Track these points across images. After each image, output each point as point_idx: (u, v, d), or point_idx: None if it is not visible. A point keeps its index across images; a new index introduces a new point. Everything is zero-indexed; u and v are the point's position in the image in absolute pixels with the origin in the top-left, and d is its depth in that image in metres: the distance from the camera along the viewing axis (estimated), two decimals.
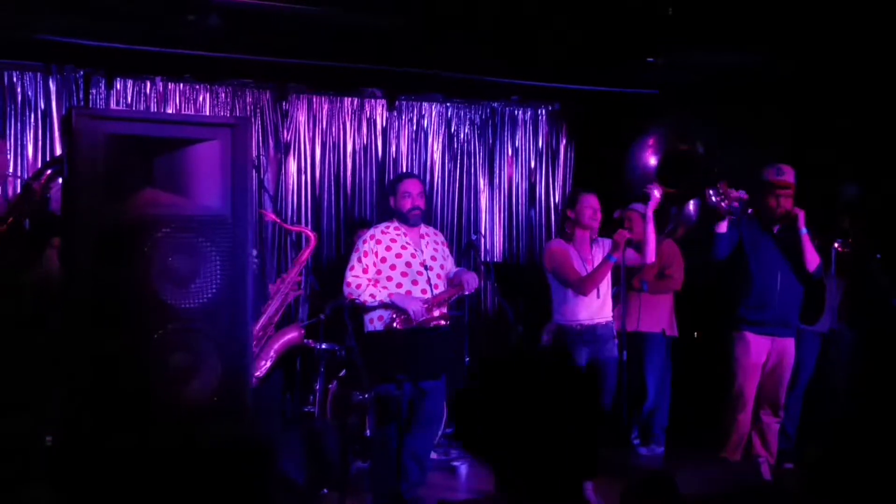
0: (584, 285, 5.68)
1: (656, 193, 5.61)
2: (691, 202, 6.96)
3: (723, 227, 5.54)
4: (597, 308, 5.76)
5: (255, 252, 4.97)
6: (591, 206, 5.81)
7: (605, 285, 5.79)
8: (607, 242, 5.80)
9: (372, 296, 5.26)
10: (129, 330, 3.17)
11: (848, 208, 6.14)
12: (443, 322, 5.32)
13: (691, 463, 5.92)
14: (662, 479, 3.73)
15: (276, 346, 4.75)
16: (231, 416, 3.32)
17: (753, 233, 5.67)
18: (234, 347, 3.34)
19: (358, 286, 5.28)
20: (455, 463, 6.39)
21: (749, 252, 5.64)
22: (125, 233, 3.17)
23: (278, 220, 5.81)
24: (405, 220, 5.45)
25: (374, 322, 5.33)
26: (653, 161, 6.49)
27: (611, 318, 5.81)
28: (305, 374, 6.31)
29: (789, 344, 5.70)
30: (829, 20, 5.89)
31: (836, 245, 5.88)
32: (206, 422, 3.27)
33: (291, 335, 4.90)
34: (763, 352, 5.66)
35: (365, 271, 5.32)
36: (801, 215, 5.52)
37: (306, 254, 5.17)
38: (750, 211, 5.68)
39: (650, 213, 5.65)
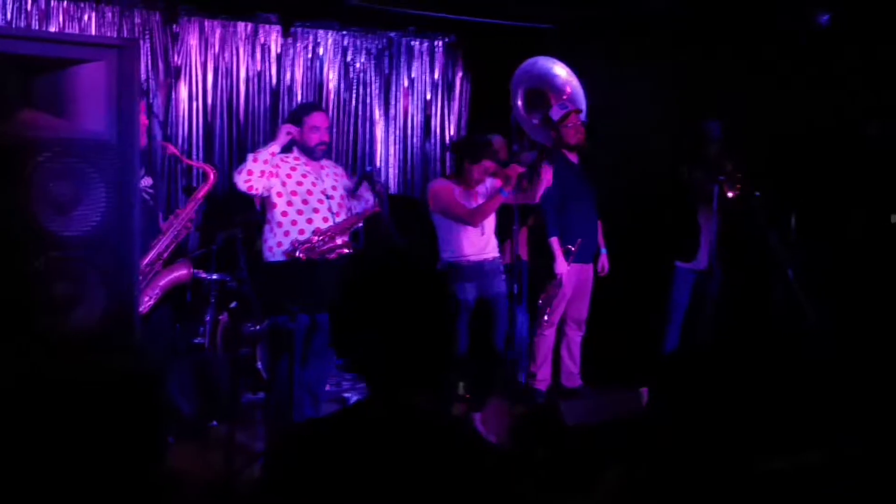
0: (473, 217, 5.71)
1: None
2: None
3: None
4: (483, 244, 5.80)
5: (149, 182, 4.83)
6: (485, 168, 5.81)
7: (490, 222, 5.82)
8: (492, 180, 5.82)
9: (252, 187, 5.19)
10: (7, 257, 3.07)
11: (726, 148, 6.29)
12: (346, 249, 5.29)
13: (578, 394, 6.17)
14: (548, 411, 3.82)
15: (161, 283, 4.61)
16: (117, 348, 3.25)
17: (560, 168, 6.02)
18: (120, 277, 3.26)
19: (249, 172, 5.16)
20: (347, 395, 6.42)
21: (561, 187, 5.99)
22: (3, 156, 3.05)
23: (179, 154, 5.61)
24: (310, 153, 5.37)
25: (274, 250, 5.26)
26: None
27: (497, 255, 5.87)
28: (195, 306, 6.22)
29: (590, 269, 6.29)
30: None
31: (719, 184, 6.03)
32: (91, 353, 3.20)
33: (180, 273, 4.73)
34: (573, 279, 6.18)
35: (262, 162, 5.18)
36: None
37: (204, 190, 4.92)
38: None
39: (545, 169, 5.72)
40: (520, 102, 6.30)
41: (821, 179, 6.23)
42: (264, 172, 5.19)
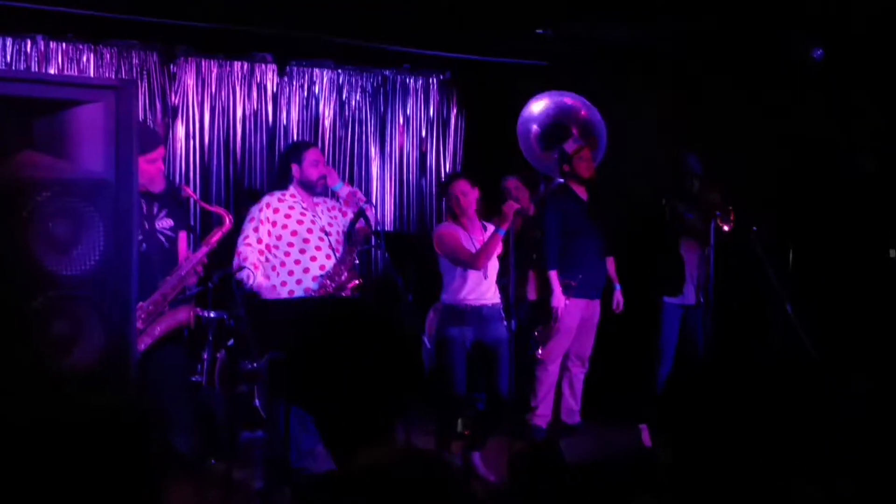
0: (476, 260, 5.62)
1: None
2: None
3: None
4: (484, 289, 5.72)
5: (170, 224, 4.84)
6: (460, 191, 5.71)
7: (493, 267, 5.75)
8: (490, 225, 5.77)
9: (249, 275, 5.24)
10: (7, 296, 3.07)
11: (707, 181, 6.30)
12: (356, 281, 5.31)
13: (577, 431, 6.13)
14: (548, 448, 3.81)
15: (161, 326, 4.62)
16: (114, 386, 3.25)
17: (568, 202, 6.11)
18: (117, 316, 3.27)
19: (245, 258, 5.24)
20: None
21: (566, 221, 6.06)
22: (3, 196, 3.06)
23: (196, 197, 5.61)
24: (311, 188, 5.41)
25: (278, 289, 5.28)
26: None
27: (498, 301, 5.77)
28: (193, 343, 6.20)
29: (597, 305, 6.25)
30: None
31: (714, 219, 6.01)
32: (88, 391, 3.20)
33: (180, 317, 4.75)
34: (577, 314, 6.14)
35: (260, 241, 5.27)
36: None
37: (218, 235, 4.84)
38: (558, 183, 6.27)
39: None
40: (533, 139, 6.34)
41: (818, 213, 6.25)
42: (262, 251, 5.26)
